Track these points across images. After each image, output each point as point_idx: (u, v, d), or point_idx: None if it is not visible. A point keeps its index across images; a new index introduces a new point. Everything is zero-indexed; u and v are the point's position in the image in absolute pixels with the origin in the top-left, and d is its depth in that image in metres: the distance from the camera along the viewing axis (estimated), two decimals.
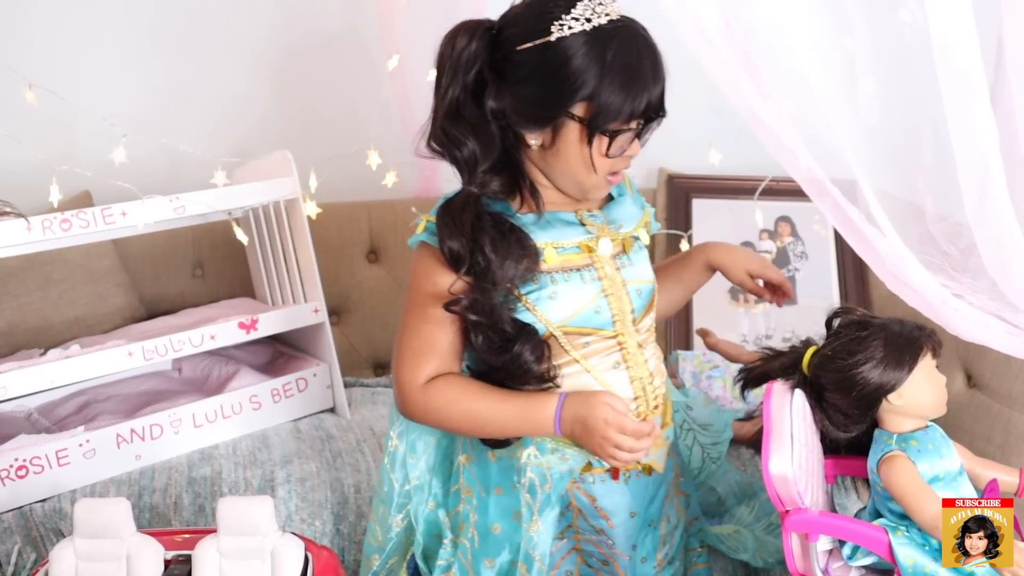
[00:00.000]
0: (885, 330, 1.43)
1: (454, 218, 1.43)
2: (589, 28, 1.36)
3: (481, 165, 1.43)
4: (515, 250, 1.43)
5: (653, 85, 1.38)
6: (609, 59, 1.35)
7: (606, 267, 1.51)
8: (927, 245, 1.21)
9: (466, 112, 1.42)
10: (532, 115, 1.42)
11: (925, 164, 1.15)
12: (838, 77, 1.13)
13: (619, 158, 1.44)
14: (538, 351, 1.46)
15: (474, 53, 1.41)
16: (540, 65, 1.38)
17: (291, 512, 1.91)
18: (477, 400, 1.48)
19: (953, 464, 1.45)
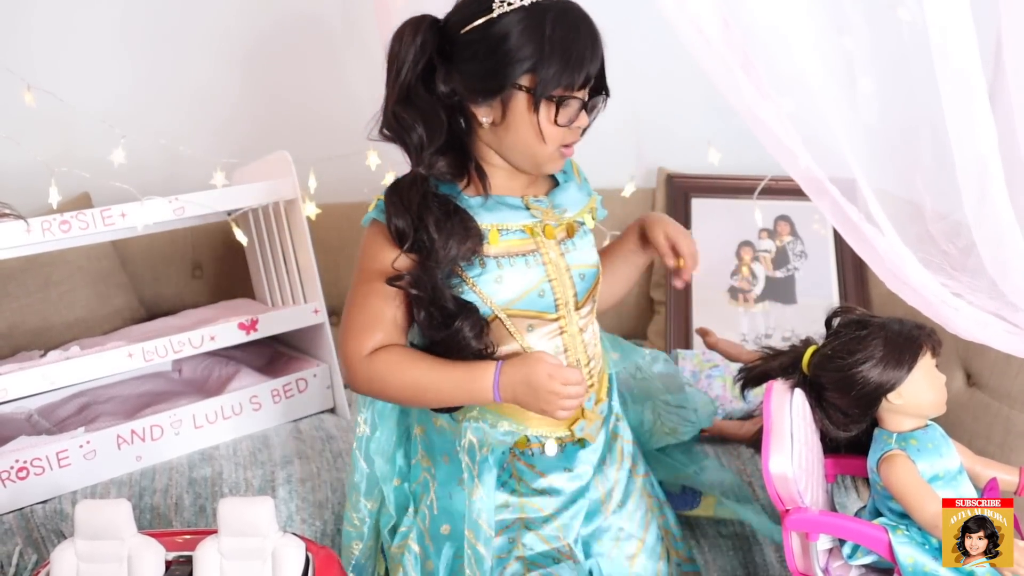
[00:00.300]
0: (885, 329, 1.43)
1: (401, 197, 1.50)
2: (528, 3, 1.44)
3: (428, 148, 1.49)
4: (458, 230, 1.48)
5: (591, 56, 1.46)
6: (548, 31, 1.42)
7: (551, 252, 1.57)
8: (926, 244, 1.21)
9: (415, 97, 1.48)
10: (480, 89, 1.47)
11: (924, 163, 1.15)
12: (837, 76, 1.13)
13: (568, 129, 1.50)
14: (477, 328, 1.51)
15: (421, 44, 1.48)
16: (484, 42, 1.45)
17: (292, 512, 1.91)
18: (417, 369, 1.51)
19: (953, 463, 1.45)
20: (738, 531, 1.84)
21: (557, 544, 1.60)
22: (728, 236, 2.62)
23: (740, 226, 2.61)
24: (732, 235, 2.62)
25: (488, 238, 1.52)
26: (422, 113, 1.48)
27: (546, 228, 1.57)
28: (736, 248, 2.61)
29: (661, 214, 1.79)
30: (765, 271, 2.59)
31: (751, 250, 2.60)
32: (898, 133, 1.22)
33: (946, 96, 1.06)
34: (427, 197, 1.49)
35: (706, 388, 2.15)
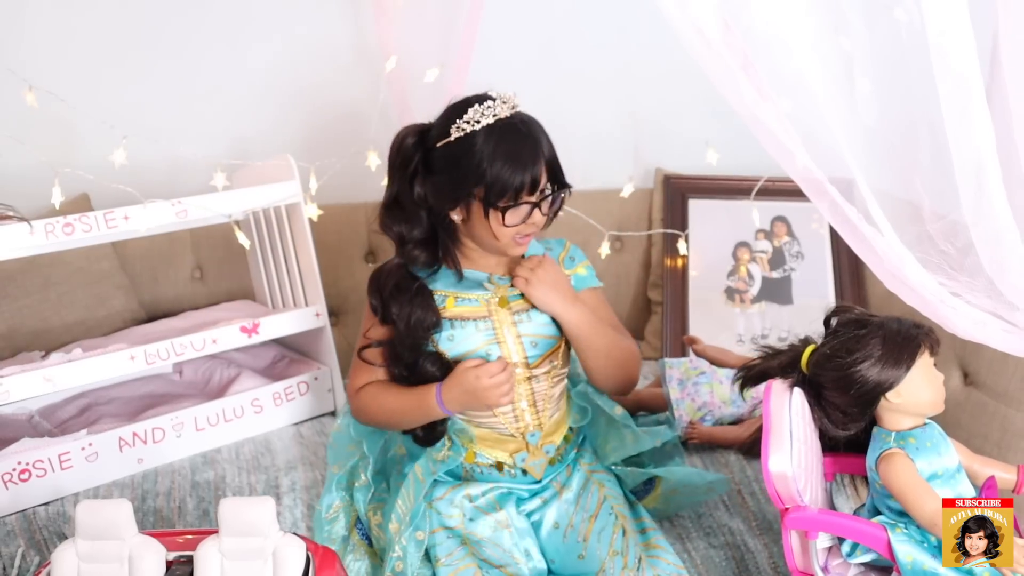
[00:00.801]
0: (883, 328, 1.44)
1: (379, 281, 1.85)
2: (479, 128, 1.72)
3: (407, 243, 1.82)
4: (418, 312, 1.80)
5: (533, 163, 1.72)
6: (490, 151, 1.71)
7: (503, 320, 1.84)
8: (925, 244, 1.21)
9: (402, 200, 1.81)
10: (446, 198, 1.77)
11: (922, 163, 1.16)
12: (836, 77, 1.14)
13: (523, 224, 1.76)
14: (438, 363, 1.83)
15: (411, 150, 1.80)
16: (448, 159, 1.76)
17: (296, 519, 1.91)
18: (388, 400, 1.85)
19: (951, 461, 1.46)
20: (728, 540, 1.85)
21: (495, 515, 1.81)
22: (725, 237, 2.63)
23: (737, 227, 2.62)
24: (729, 236, 2.63)
25: (446, 303, 1.83)
26: (405, 215, 1.81)
27: (500, 299, 1.84)
28: (733, 249, 2.62)
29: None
30: (762, 272, 2.60)
31: (748, 251, 2.61)
32: (896, 133, 1.22)
33: (944, 96, 1.07)
34: (400, 284, 1.82)
35: (693, 395, 2.15)
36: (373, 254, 2.73)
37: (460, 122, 1.73)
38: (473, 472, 1.86)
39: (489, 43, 2.59)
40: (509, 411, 1.84)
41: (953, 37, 1.05)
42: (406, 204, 1.80)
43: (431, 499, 1.81)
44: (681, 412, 2.14)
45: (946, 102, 1.07)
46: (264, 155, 2.31)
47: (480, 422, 1.85)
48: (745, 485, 2.00)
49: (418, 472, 1.80)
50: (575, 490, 1.86)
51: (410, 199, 1.80)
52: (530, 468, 1.86)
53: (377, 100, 2.42)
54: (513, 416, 1.85)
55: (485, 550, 1.75)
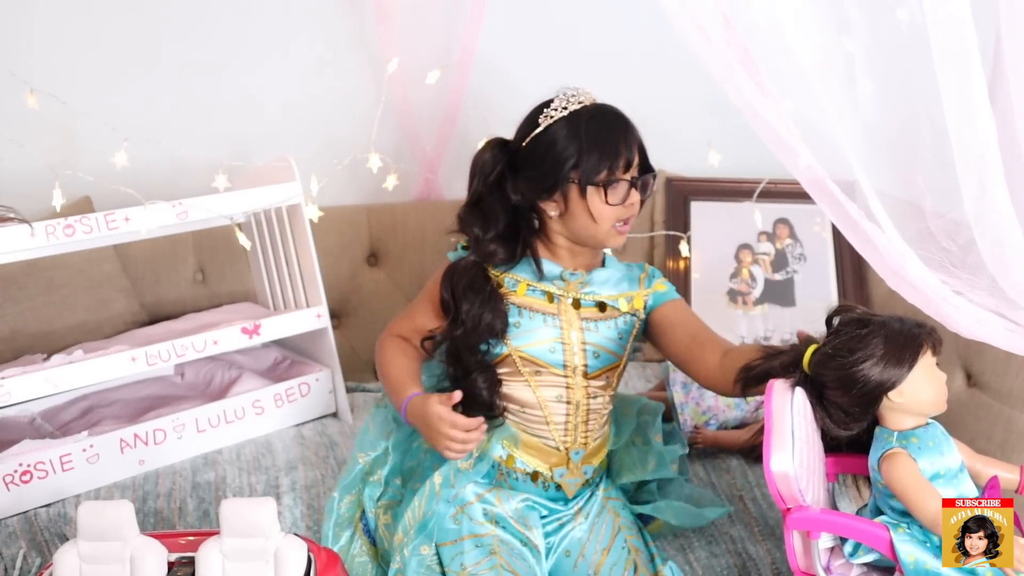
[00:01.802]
0: (885, 328, 1.43)
1: (453, 277, 1.83)
2: (567, 113, 1.75)
3: (483, 240, 1.81)
4: (487, 315, 1.78)
5: (625, 141, 1.74)
6: (583, 130, 1.73)
7: (571, 322, 1.81)
8: (926, 241, 1.21)
9: (482, 202, 1.82)
10: (541, 188, 1.77)
11: (924, 160, 1.15)
12: (836, 73, 1.14)
13: (620, 207, 1.76)
14: (490, 382, 1.80)
15: (494, 159, 1.81)
16: (538, 151, 1.76)
17: (297, 519, 1.91)
18: (389, 363, 1.83)
19: (954, 461, 1.45)
20: (730, 548, 1.84)
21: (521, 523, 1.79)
22: (727, 239, 2.63)
23: (739, 229, 2.61)
24: (731, 238, 2.62)
25: (517, 288, 1.81)
26: (483, 214, 1.82)
27: (574, 300, 1.81)
28: (735, 251, 2.62)
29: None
30: (764, 274, 2.60)
31: (750, 253, 2.61)
32: (897, 130, 1.22)
33: (946, 93, 1.06)
34: (473, 283, 1.81)
35: (697, 399, 2.15)
36: (375, 256, 2.73)
37: (548, 111, 1.76)
38: (508, 477, 1.82)
39: (490, 45, 2.60)
40: (562, 423, 1.81)
41: (955, 34, 1.05)
42: (486, 205, 1.81)
43: (463, 502, 1.77)
44: (685, 416, 2.14)
45: (948, 99, 1.07)
46: (265, 157, 2.31)
47: (530, 429, 1.82)
48: (747, 491, 1.99)
49: (436, 482, 1.76)
50: (591, 518, 1.83)
51: (491, 200, 1.81)
52: (564, 484, 1.83)
53: (379, 102, 2.42)
54: (564, 429, 1.82)
55: (516, 563, 1.72)
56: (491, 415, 1.78)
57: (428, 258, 2.68)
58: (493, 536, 1.74)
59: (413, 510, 1.74)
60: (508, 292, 1.81)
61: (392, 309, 2.67)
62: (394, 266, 2.71)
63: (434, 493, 1.75)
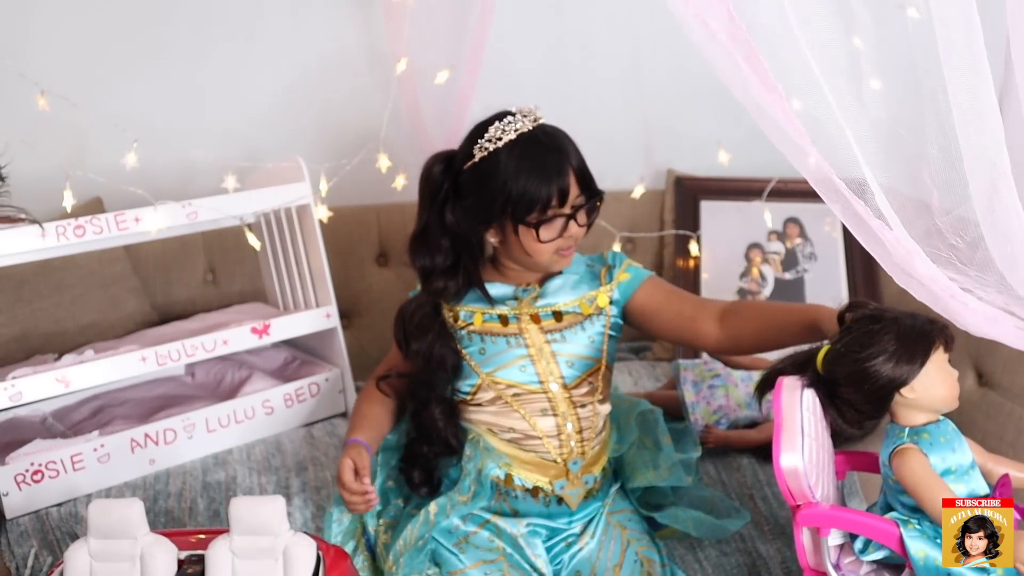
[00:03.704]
0: (897, 324, 1.43)
1: (404, 317, 1.86)
2: (501, 145, 1.70)
3: (432, 275, 1.81)
4: (436, 351, 1.80)
5: (559, 174, 1.69)
6: (514, 167, 1.69)
7: (534, 336, 1.80)
8: (934, 238, 1.20)
9: (429, 233, 1.80)
10: (478, 220, 1.76)
11: (931, 157, 1.15)
12: (842, 68, 1.13)
13: (560, 240, 1.74)
14: (446, 414, 1.82)
15: (440, 177, 1.79)
16: (475, 181, 1.74)
17: (307, 519, 1.92)
18: (356, 406, 1.91)
19: (965, 458, 1.44)
20: (739, 547, 1.84)
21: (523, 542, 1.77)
22: (737, 238, 2.62)
23: (749, 228, 2.61)
24: (741, 237, 2.62)
25: (473, 319, 1.82)
26: (428, 245, 1.80)
27: (532, 316, 1.80)
28: (745, 250, 2.61)
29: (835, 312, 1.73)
30: (774, 273, 2.59)
31: (760, 252, 2.60)
32: (904, 128, 1.22)
33: (953, 90, 1.06)
34: (422, 321, 1.83)
35: (708, 398, 2.15)
36: (385, 256, 2.74)
37: (482, 141, 1.72)
38: (508, 496, 1.81)
39: (500, 45, 2.60)
40: (555, 435, 1.79)
41: (962, 31, 1.04)
42: (431, 235, 1.79)
43: (465, 534, 1.75)
44: (696, 415, 2.13)
45: (955, 95, 1.07)
46: (275, 158, 2.32)
47: (525, 445, 1.81)
48: (757, 489, 1.98)
49: (431, 511, 1.74)
50: (597, 535, 1.79)
51: (436, 229, 1.79)
52: (567, 497, 1.81)
53: (388, 102, 2.42)
54: (558, 441, 1.80)
55: None
56: (449, 452, 1.81)
57: None
58: (502, 562, 1.72)
59: (405, 537, 1.72)
60: (465, 324, 1.82)
61: None
62: (404, 266, 2.70)
63: (427, 521, 1.73)
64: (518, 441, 1.81)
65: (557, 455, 1.80)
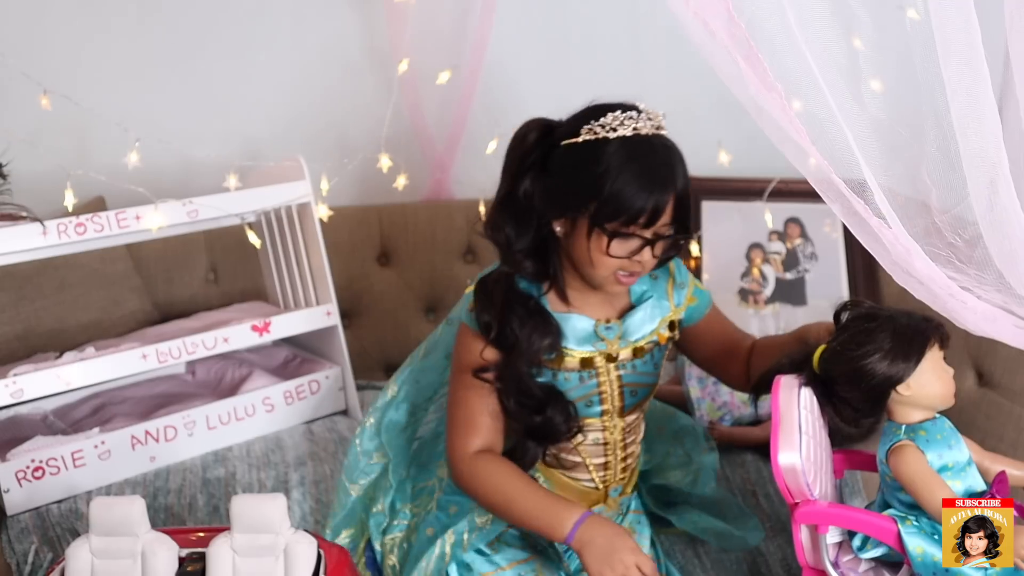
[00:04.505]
0: (893, 322, 1.43)
1: (487, 293, 1.62)
2: (613, 136, 1.51)
3: (515, 247, 1.60)
4: (540, 327, 1.59)
5: (658, 194, 1.50)
6: (618, 164, 1.49)
7: (609, 372, 1.66)
8: (933, 237, 1.21)
9: (513, 201, 1.60)
10: (555, 204, 1.57)
11: (929, 156, 1.15)
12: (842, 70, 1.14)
13: (626, 261, 1.56)
14: (565, 413, 1.63)
15: (532, 143, 1.59)
16: (569, 161, 1.55)
17: (305, 513, 1.92)
18: (512, 486, 1.60)
19: (962, 455, 1.45)
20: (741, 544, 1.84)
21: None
22: (738, 238, 2.63)
23: (750, 228, 2.61)
24: (742, 237, 2.62)
25: (553, 358, 1.63)
26: (514, 216, 1.59)
27: (610, 355, 1.65)
28: (746, 250, 2.62)
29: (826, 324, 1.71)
30: (775, 273, 2.60)
31: (761, 252, 2.61)
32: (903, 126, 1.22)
33: (951, 89, 1.06)
34: (511, 294, 1.61)
35: (713, 394, 2.16)
36: (386, 256, 2.74)
37: (594, 124, 1.52)
38: None
39: (501, 46, 2.60)
40: (602, 465, 1.71)
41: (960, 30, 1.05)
42: (515, 207, 1.59)
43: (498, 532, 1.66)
44: (701, 411, 2.15)
45: (953, 95, 1.07)
46: (276, 158, 2.32)
47: (569, 473, 1.71)
48: (760, 486, 1.99)
49: (448, 541, 1.64)
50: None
51: (521, 202, 1.59)
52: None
53: (389, 103, 2.43)
54: (604, 469, 1.71)
55: None
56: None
57: (438, 258, 2.69)
58: (535, 561, 1.67)
59: (420, 571, 1.64)
60: (544, 361, 1.63)
61: (403, 308, 2.69)
62: (405, 266, 2.71)
63: (443, 555, 1.64)
64: (564, 468, 1.71)
65: (600, 482, 1.73)
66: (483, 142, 2.49)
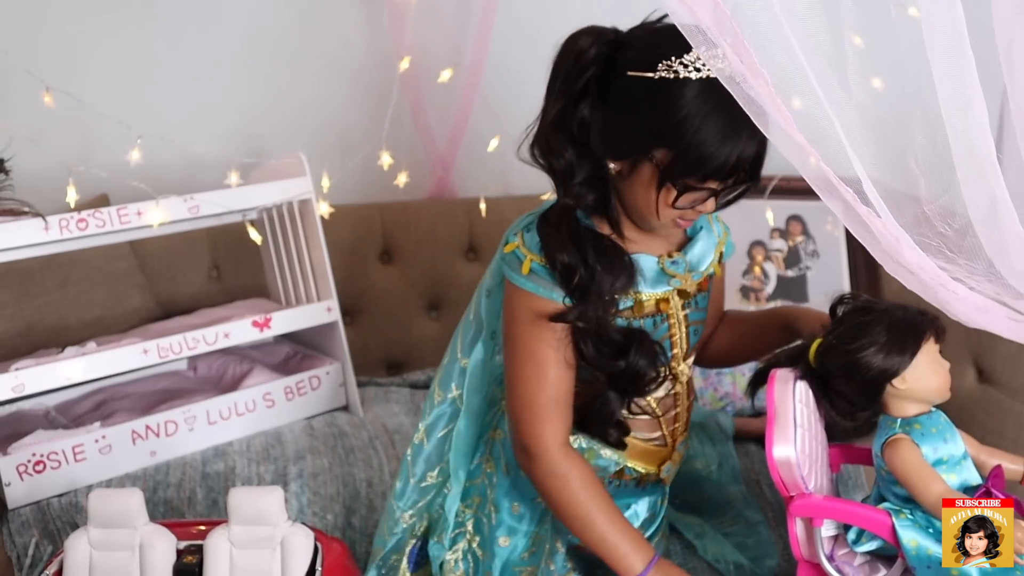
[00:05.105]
0: (888, 315, 1.44)
1: (556, 230, 1.44)
2: (696, 78, 1.32)
3: (576, 177, 1.43)
4: (616, 261, 1.45)
5: (745, 145, 1.35)
6: (704, 110, 1.32)
7: (677, 312, 1.55)
8: (923, 226, 1.21)
9: (570, 121, 1.41)
10: (614, 144, 1.41)
11: (917, 144, 1.15)
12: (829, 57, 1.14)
13: (690, 209, 1.43)
14: (651, 355, 1.48)
15: (591, 58, 1.40)
16: (639, 98, 1.37)
17: (303, 506, 1.93)
18: (598, 505, 1.49)
19: (957, 449, 1.45)
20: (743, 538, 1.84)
21: None
22: (740, 236, 2.61)
23: (752, 226, 2.61)
24: (744, 235, 2.62)
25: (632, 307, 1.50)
26: (573, 140, 1.42)
27: (680, 291, 1.54)
28: (748, 247, 2.62)
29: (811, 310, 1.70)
30: (777, 270, 2.60)
31: (763, 249, 2.61)
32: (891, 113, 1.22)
33: (938, 74, 1.06)
34: (578, 229, 1.45)
35: (715, 385, 2.16)
36: (388, 254, 2.75)
37: (676, 61, 1.32)
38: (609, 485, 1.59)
39: (503, 43, 2.61)
40: (672, 417, 1.60)
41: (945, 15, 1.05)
42: (573, 124, 1.41)
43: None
44: (704, 401, 2.16)
45: (940, 80, 1.07)
46: (278, 155, 2.33)
47: (639, 435, 1.59)
48: (764, 476, 1.97)
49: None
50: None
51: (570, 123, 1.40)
52: (667, 478, 1.67)
53: (391, 101, 2.44)
54: (674, 420, 1.61)
55: None
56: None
57: (440, 255, 2.70)
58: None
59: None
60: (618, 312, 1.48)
61: (405, 306, 2.70)
62: (407, 263, 2.72)
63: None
64: (635, 429, 1.58)
65: (669, 437, 1.62)
66: (485, 140, 2.50)
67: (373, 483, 1.99)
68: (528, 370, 1.48)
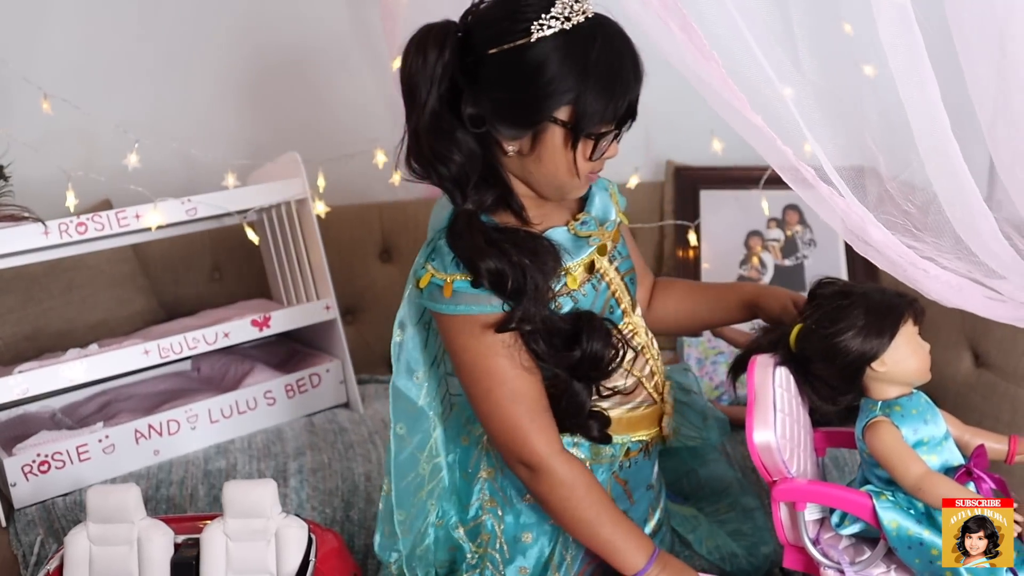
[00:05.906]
0: (866, 299, 1.44)
1: (468, 242, 1.39)
2: (568, 27, 1.30)
3: (471, 179, 1.39)
4: (538, 248, 1.41)
5: (634, 85, 1.36)
6: (592, 60, 1.31)
7: (609, 270, 1.53)
8: (887, 204, 1.21)
9: (444, 123, 1.36)
10: (512, 120, 1.37)
11: (871, 122, 1.16)
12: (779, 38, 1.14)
13: (600, 160, 1.43)
14: (603, 335, 1.44)
15: (448, 60, 1.34)
16: (517, 68, 1.33)
17: (303, 500, 1.95)
18: (605, 506, 1.48)
19: (938, 430, 1.45)
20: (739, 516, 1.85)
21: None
22: (737, 226, 2.63)
23: (749, 216, 2.62)
24: (741, 225, 2.63)
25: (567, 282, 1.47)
26: (456, 141, 1.36)
27: (601, 247, 1.50)
28: (745, 238, 2.62)
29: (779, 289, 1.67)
30: (774, 260, 2.60)
31: (760, 240, 2.62)
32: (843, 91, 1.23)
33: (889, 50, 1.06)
34: (487, 232, 1.39)
35: (711, 374, 2.17)
36: (387, 253, 2.77)
37: (543, 18, 1.29)
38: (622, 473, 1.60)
39: None
40: (649, 374, 1.56)
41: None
42: (451, 129, 1.36)
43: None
44: (699, 390, 2.16)
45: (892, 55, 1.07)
46: (274, 157, 2.36)
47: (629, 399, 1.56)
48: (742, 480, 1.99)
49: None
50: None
51: (454, 123, 1.36)
52: (669, 433, 1.64)
53: (385, 99, 2.46)
54: (652, 378, 1.57)
55: None
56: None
57: None
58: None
59: None
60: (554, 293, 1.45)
61: None
62: (406, 262, 2.72)
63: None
64: (624, 396, 1.56)
65: (655, 394, 1.59)
66: None
67: (371, 477, 2.01)
68: (495, 391, 1.43)
